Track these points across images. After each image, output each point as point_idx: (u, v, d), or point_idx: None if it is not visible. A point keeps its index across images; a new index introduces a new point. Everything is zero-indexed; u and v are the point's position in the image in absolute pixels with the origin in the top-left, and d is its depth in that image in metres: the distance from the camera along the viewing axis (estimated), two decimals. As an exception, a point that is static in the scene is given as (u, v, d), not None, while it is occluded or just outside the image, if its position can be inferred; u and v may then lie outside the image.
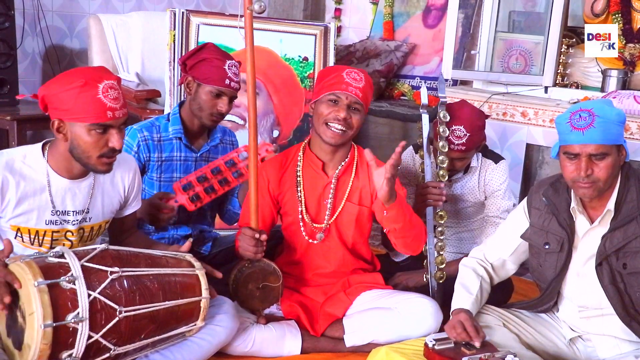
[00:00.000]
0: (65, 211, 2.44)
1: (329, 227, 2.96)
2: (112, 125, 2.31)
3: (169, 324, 2.35)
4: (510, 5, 4.72)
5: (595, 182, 2.35)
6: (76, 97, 2.25)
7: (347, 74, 2.83)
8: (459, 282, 2.68)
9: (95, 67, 2.41)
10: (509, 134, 4.25)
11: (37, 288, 2.03)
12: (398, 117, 4.85)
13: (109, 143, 2.33)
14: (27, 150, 2.40)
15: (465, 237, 3.41)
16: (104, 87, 2.27)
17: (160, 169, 3.03)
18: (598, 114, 2.32)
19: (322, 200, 2.96)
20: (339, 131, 2.81)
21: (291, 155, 3.01)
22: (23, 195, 2.34)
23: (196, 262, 2.48)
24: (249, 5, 2.60)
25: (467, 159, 3.16)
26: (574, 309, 2.59)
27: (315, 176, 2.95)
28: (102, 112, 2.27)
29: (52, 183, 2.39)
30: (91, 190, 2.49)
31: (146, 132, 3.01)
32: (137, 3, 5.34)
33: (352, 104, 2.81)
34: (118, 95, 2.31)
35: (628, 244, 2.40)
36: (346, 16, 6.09)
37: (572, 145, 2.36)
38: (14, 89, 4.37)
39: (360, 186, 2.96)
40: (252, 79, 2.69)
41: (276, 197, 2.99)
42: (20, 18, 4.60)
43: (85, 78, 2.26)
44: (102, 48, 4.77)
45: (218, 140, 3.17)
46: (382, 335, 2.81)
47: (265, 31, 4.32)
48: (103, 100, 2.26)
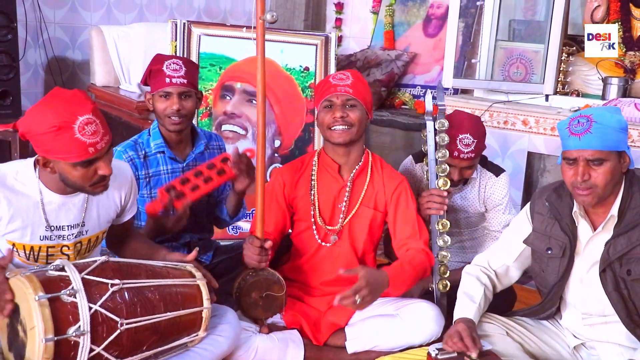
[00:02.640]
0: (60, 226, 2.40)
1: (342, 229, 2.99)
2: (96, 157, 2.26)
3: (170, 335, 2.35)
4: (511, 14, 4.72)
5: (592, 188, 2.36)
6: (53, 140, 2.18)
7: (333, 77, 2.93)
8: (461, 290, 2.68)
9: (68, 97, 2.25)
10: (510, 143, 4.25)
11: (38, 302, 2.03)
12: (399, 126, 4.86)
13: (98, 172, 2.28)
14: (19, 166, 2.36)
15: (468, 245, 3.41)
16: (80, 126, 2.18)
17: (149, 186, 3.02)
18: (596, 120, 2.33)
19: (336, 204, 2.99)
20: (341, 130, 2.86)
21: (307, 160, 3.08)
22: (16, 211, 2.30)
23: (197, 272, 2.47)
24: (261, 15, 2.62)
25: (474, 167, 3.16)
26: (578, 316, 2.58)
27: (331, 179, 2.99)
28: (84, 151, 2.20)
29: (45, 199, 2.35)
30: (85, 204, 2.45)
31: (131, 152, 2.99)
32: (139, 14, 5.36)
33: (345, 102, 2.87)
34: (96, 128, 2.21)
35: (632, 250, 2.40)
36: (347, 26, 6.10)
37: (570, 150, 2.37)
38: (17, 100, 4.38)
39: (375, 191, 2.99)
40: (262, 88, 2.71)
41: (290, 202, 3.02)
42: (23, 30, 4.62)
43: (57, 120, 2.16)
44: (104, 59, 4.79)
45: (203, 147, 3.14)
46: (384, 341, 2.82)
47: (266, 41, 4.31)
48: (81, 139, 2.18)
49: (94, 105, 2.27)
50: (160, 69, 2.94)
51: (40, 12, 4.75)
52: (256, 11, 2.64)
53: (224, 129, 4.22)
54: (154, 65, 2.99)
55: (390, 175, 3.02)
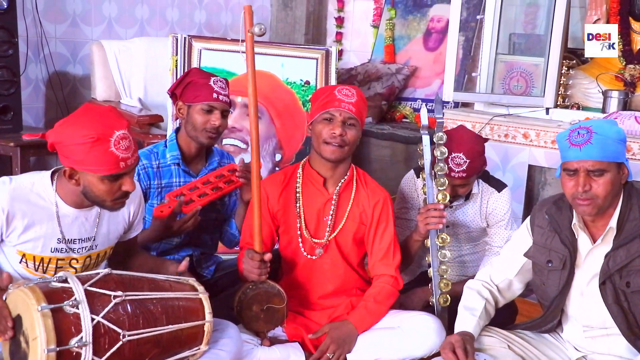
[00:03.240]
0: (72, 239, 2.43)
1: (328, 243, 2.98)
2: (125, 173, 2.31)
3: (172, 348, 2.34)
4: (511, 28, 4.75)
5: (593, 199, 2.36)
6: (88, 151, 2.23)
7: (339, 92, 2.88)
8: (462, 304, 2.69)
9: (104, 112, 2.34)
10: (510, 156, 4.25)
11: (41, 313, 2.03)
12: (400, 139, 4.87)
13: (122, 187, 2.33)
14: (35, 178, 2.39)
15: (468, 260, 3.40)
16: (116, 140, 2.25)
17: (160, 196, 3.04)
18: (596, 131, 2.34)
19: (322, 217, 2.97)
20: (336, 147, 2.83)
21: (290, 172, 3.04)
22: (30, 223, 2.33)
23: (199, 286, 2.47)
24: (249, 28, 2.65)
25: (469, 185, 3.15)
26: (579, 328, 2.58)
27: (315, 192, 2.97)
28: (115, 164, 2.26)
29: (61, 212, 2.38)
30: (97, 219, 2.49)
31: (145, 161, 3.02)
32: (140, 29, 5.38)
33: (346, 120, 2.84)
34: (129, 144, 2.29)
35: (631, 262, 2.40)
36: (347, 40, 6.12)
37: (571, 161, 2.38)
38: (18, 115, 4.38)
39: (360, 204, 2.98)
40: (254, 101, 2.73)
41: (274, 214, 2.99)
42: (24, 45, 4.62)
43: (97, 132, 2.22)
44: (105, 74, 4.79)
45: (216, 164, 3.18)
46: (385, 353, 2.81)
47: (267, 55, 4.36)
48: (115, 153, 2.25)
49: (129, 122, 2.34)
50: (207, 83, 2.98)
51: (41, 27, 4.76)
52: (244, 24, 2.67)
53: (225, 143, 4.23)
54: (197, 77, 3.02)
55: (373, 190, 3.01)
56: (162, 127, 4.51)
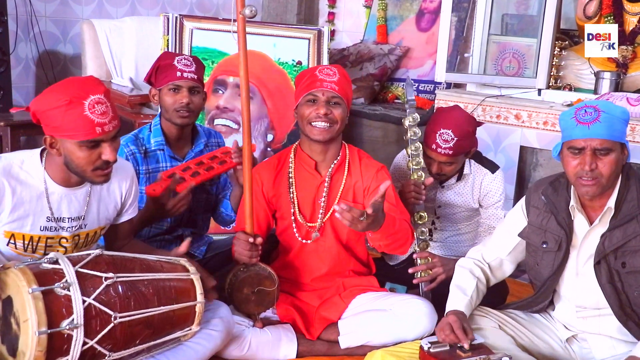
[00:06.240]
0: (61, 217, 2.43)
1: (323, 225, 2.97)
2: (102, 139, 2.29)
3: (164, 329, 2.35)
4: (503, 8, 4.73)
5: (598, 178, 2.36)
6: (63, 115, 2.23)
7: (320, 72, 2.87)
8: (454, 283, 2.69)
9: (82, 79, 2.36)
10: (502, 137, 4.25)
11: (32, 295, 2.03)
12: (392, 120, 4.85)
13: (102, 156, 2.31)
14: (25, 156, 2.39)
15: (461, 239, 3.42)
16: (90, 104, 2.24)
17: (149, 182, 3.02)
18: (603, 110, 2.34)
19: (316, 200, 2.96)
20: (323, 127, 2.82)
21: (283, 157, 3.03)
22: (19, 201, 2.33)
23: (191, 267, 2.47)
24: (240, 9, 2.63)
25: (455, 164, 3.15)
26: (572, 308, 2.59)
27: (308, 176, 2.96)
28: (91, 129, 2.25)
29: (49, 190, 2.38)
30: (87, 198, 2.48)
31: (132, 146, 3.02)
32: (131, 8, 5.33)
33: (330, 99, 2.83)
34: (106, 109, 2.28)
35: (627, 243, 2.41)
36: (340, 20, 6.09)
37: (577, 139, 2.36)
38: (8, 95, 4.36)
39: (353, 184, 2.97)
40: (245, 82, 2.72)
41: (270, 200, 2.99)
42: (14, 24, 4.58)
43: (69, 95, 2.23)
44: (95, 53, 4.76)
45: (202, 146, 3.17)
46: (376, 336, 2.82)
47: (259, 35, 4.33)
48: (90, 117, 2.24)
49: (107, 89, 2.33)
50: (171, 63, 2.98)
51: (30, 5, 4.71)
52: (236, 6, 2.66)
53: (217, 123, 4.22)
54: (163, 60, 3.03)
55: (367, 164, 2.98)
56: (154, 107, 4.49)
